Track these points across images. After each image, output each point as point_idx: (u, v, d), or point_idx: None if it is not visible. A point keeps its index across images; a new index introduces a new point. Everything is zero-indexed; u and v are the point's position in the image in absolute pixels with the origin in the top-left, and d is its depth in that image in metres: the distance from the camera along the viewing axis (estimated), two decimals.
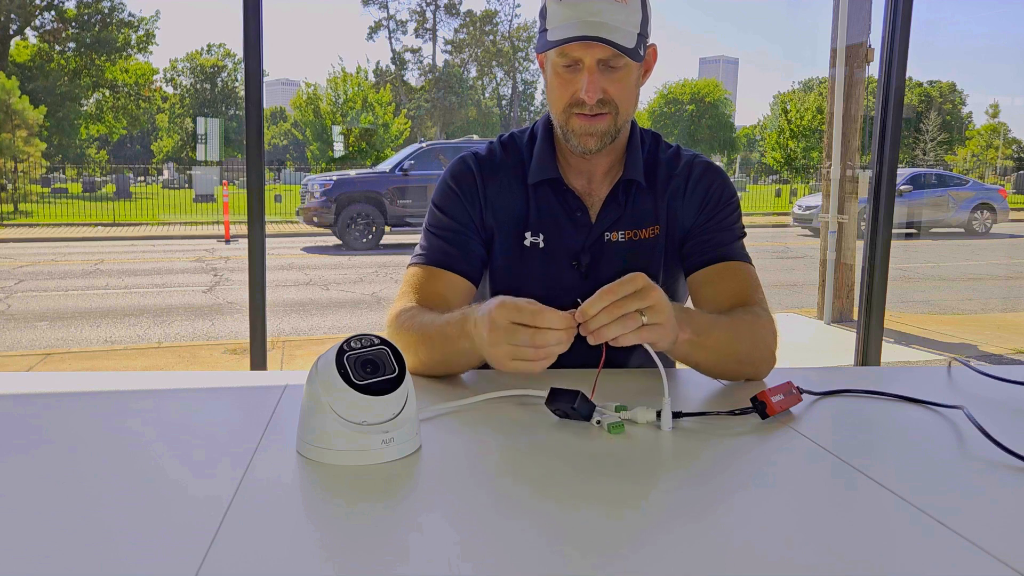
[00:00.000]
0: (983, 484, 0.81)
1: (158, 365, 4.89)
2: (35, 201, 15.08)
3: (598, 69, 1.18)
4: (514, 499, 0.74)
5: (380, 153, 17.58)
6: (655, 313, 0.96)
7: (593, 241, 1.31)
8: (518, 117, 29.26)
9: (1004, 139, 25.56)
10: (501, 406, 1.03)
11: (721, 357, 1.13)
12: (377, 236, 10.65)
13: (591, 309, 0.94)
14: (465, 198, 1.32)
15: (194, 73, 26.82)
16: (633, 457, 0.85)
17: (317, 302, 7.09)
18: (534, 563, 0.62)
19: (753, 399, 0.99)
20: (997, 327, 6.50)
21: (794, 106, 21.46)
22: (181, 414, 0.99)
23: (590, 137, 1.23)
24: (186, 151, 24.06)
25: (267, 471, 0.79)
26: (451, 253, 1.29)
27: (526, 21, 28.97)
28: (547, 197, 1.32)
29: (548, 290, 1.31)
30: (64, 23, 19.93)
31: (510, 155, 1.35)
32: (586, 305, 0.95)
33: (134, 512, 0.70)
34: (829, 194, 6.08)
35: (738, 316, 1.18)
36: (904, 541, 0.67)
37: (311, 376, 0.84)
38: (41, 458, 0.83)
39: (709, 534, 0.68)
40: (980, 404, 1.04)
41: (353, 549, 0.64)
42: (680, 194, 1.33)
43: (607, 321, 0.94)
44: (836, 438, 0.93)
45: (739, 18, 76.59)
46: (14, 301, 7.10)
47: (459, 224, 1.31)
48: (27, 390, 1.08)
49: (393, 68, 28.10)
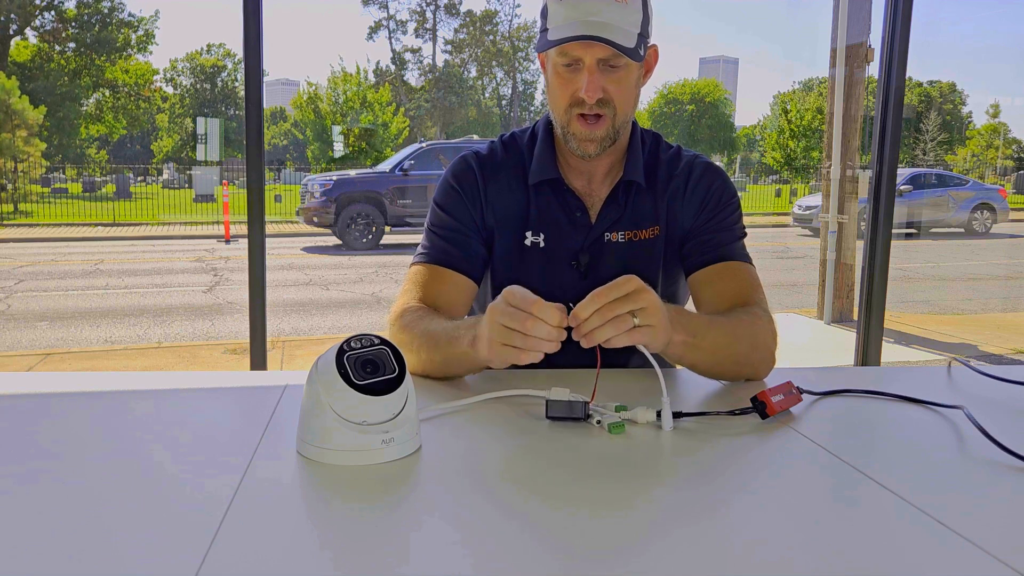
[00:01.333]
0: (983, 484, 0.81)
1: (158, 365, 4.89)
2: (35, 201, 15.09)
3: (598, 69, 1.18)
4: (514, 499, 0.74)
5: (380, 153, 17.58)
6: (647, 315, 0.97)
7: (593, 241, 1.31)
8: (518, 117, 29.26)
9: (1004, 139, 25.56)
10: (501, 406, 1.03)
11: (718, 358, 1.13)
12: (377, 236, 10.65)
13: (583, 312, 0.95)
14: (466, 197, 1.33)
15: (194, 73, 26.83)
16: (633, 457, 0.85)
17: (317, 302, 7.09)
18: (534, 563, 0.62)
19: (753, 399, 0.99)
20: (997, 327, 6.50)
21: (794, 106, 21.47)
22: (181, 414, 0.99)
23: (590, 143, 1.24)
24: (186, 151, 24.07)
25: (267, 471, 0.79)
26: (453, 252, 1.30)
27: (526, 21, 28.99)
28: (547, 197, 1.32)
29: (548, 290, 1.31)
30: (64, 23, 19.93)
31: (511, 155, 1.36)
32: (578, 308, 0.95)
33: (134, 512, 0.70)
34: (829, 194, 6.08)
35: (736, 317, 1.18)
36: (904, 541, 0.67)
37: (311, 376, 0.84)
38: (41, 458, 0.83)
39: (709, 534, 0.68)
40: (980, 404, 1.04)
41: (353, 549, 0.64)
42: (680, 194, 1.33)
43: (599, 323, 0.94)
44: (836, 438, 0.93)
45: (739, 18, 76.59)
46: (14, 301, 7.10)
47: (460, 223, 1.31)
48: (27, 390, 1.08)
49: (393, 68, 28.11)
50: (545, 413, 0.96)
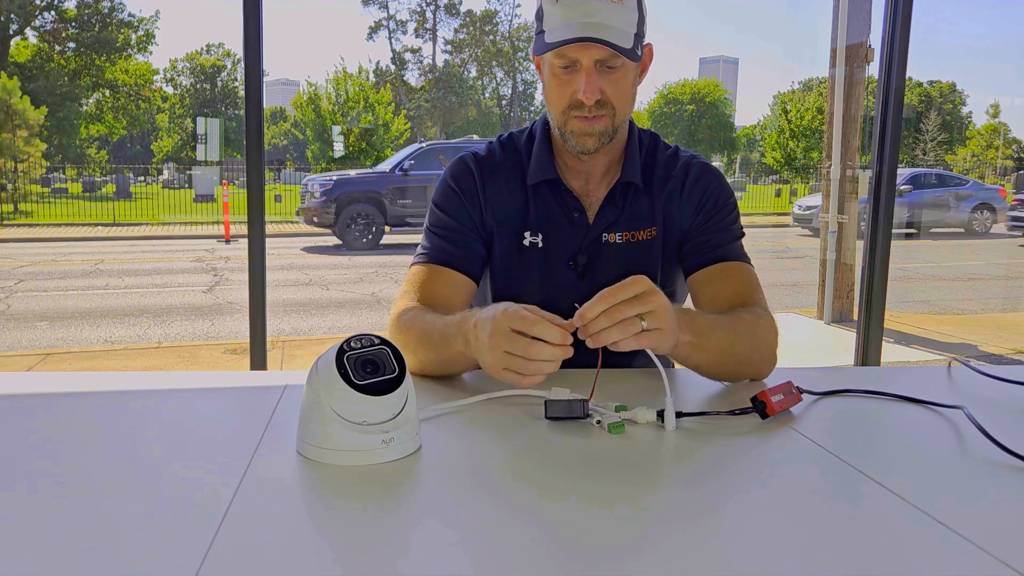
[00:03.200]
0: (983, 484, 0.81)
1: (158, 365, 4.89)
2: (35, 201, 15.09)
3: (595, 70, 1.18)
4: (514, 499, 0.74)
5: (380, 153, 17.58)
6: (656, 318, 0.95)
7: (591, 242, 1.31)
8: (518, 117, 29.26)
9: (1004, 139, 25.57)
10: (501, 406, 1.03)
11: (721, 358, 1.13)
12: (377, 236, 10.65)
13: (590, 313, 0.93)
14: (465, 198, 1.33)
15: (194, 73, 26.83)
16: (633, 457, 0.85)
17: (317, 302, 7.09)
18: (534, 563, 0.62)
19: (753, 399, 0.99)
20: (997, 327, 6.50)
21: (794, 106, 21.46)
22: (181, 414, 0.99)
23: (588, 137, 1.23)
24: (186, 151, 24.08)
25: (267, 471, 0.79)
26: (452, 252, 1.30)
27: (526, 21, 28.98)
28: (546, 197, 1.32)
29: (546, 290, 1.31)
30: (64, 23, 19.94)
31: (509, 155, 1.36)
32: (585, 308, 0.94)
33: (134, 512, 0.70)
34: (829, 194, 6.08)
35: (738, 316, 1.18)
36: (904, 541, 0.67)
37: (311, 376, 0.84)
38: (41, 458, 0.83)
39: (709, 534, 0.68)
40: (980, 404, 1.04)
41: (353, 549, 0.64)
42: (677, 195, 1.33)
43: (606, 325, 0.93)
44: (836, 438, 0.93)
45: (739, 18, 76.60)
46: (14, 301, 7.10)
47: (460, 223, 1.31)
48: (27, 390, 1.08)
49: (393, 68, 28.11)
50: (544, 414, 0.96)
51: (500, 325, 0.95)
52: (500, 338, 0.95)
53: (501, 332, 0.95)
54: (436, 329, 1.12)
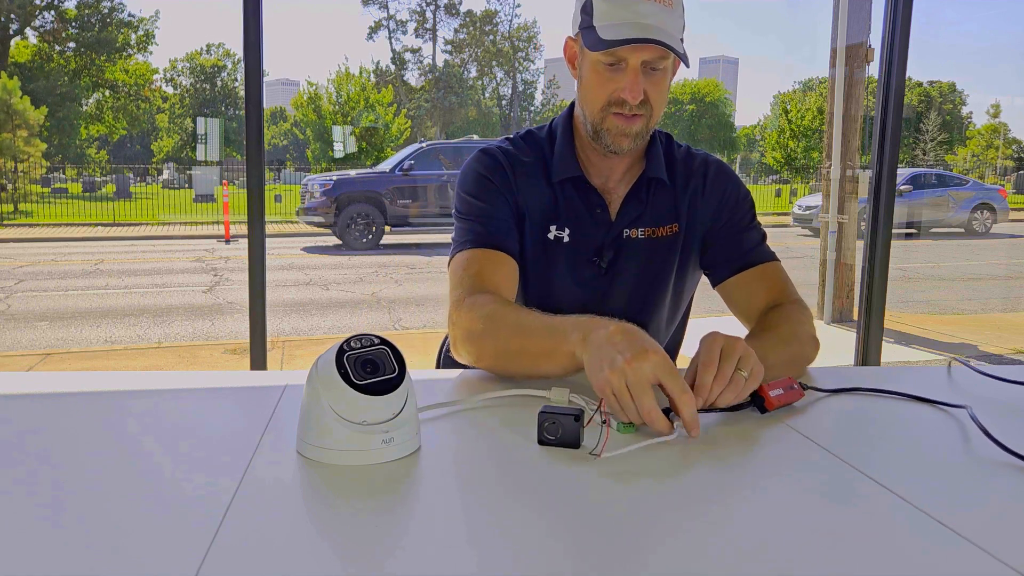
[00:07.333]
0: (984, 484, 0.81)
1: (158, 365, 4.89)
2: (35, 201, 15.08)
3: (641, 71, 1.19)
4: (514, 499, 0.74)
5: (380, 153, 17.58)
6: (748, 362, 0.97)
7: (614, 237, 1.32)
8: (518, 117, 29.26)
9: (1004, 139, 25.56)
10: (501, 406, 1.02)
11: (776, 370, 1.09)
12: (377, 236, 10.65)
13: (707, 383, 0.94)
14: (501, 186, 1.32)
15: (194, 73, 26.82)
16: (633, 456, 0.85)
17: (317, 302, 7.09)
18: (534, 563, 0.62)
19: (752, 394, 0.99)
20: (997, 327, 6.50)
21: (794, 106, 21.46)
22: (181, 414, 0.99)
23: (625, 137, 1.24)
24: (186, 151, 24.07)
25: (267, 471, 0.79)
26: (497, 234, 1.28)
27: (526, 21, 29.01)
28: (570, 194, 1.33)
29: (571, 284, 1.33)
30: (64, 23, 19.93)
31: (532, 151, 1.36)
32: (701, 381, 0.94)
33: (134, 512, 0.70)
34: (829, 194, 6.08)
35: (777, 327, 1.21)
36: (904, 541, 0.67)
37: (311, 376, 0.84)
38: (41, 458, 0.83)
39: (708, 534, 0.68)
40: (980, 404, 1.04)
41: (353, 549, 0.64)
42: (700, 192, 1.36)
43: (720, 390, 0.95)
44: (836, 438, 0.93)
45: (739, 18, 76.58)
46: (14, 301, 7.10)
47: (497, 210, 1.30)
48: (27, 390, 1.08)
49: (393, 68, 28.10)
50: (538, 439, 0.88)
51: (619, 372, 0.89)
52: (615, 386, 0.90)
53: (615, 383, 0.90)
54: (540, 320, 1.08)
